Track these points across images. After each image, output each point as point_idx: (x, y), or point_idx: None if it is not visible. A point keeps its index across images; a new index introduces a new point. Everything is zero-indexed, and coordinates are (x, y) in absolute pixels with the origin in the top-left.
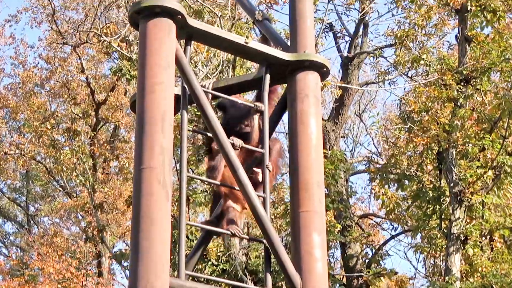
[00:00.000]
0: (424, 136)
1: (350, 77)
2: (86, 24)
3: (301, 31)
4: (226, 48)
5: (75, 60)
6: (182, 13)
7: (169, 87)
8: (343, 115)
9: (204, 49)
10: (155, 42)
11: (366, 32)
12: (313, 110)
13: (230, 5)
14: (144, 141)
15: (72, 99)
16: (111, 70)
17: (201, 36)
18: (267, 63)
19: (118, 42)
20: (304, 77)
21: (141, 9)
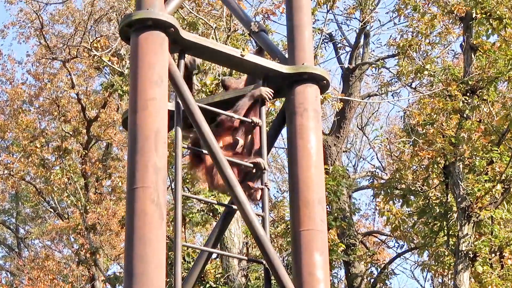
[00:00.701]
0: (429, 149)
1: (351, 89)
2: (76, 38)
3: (299, 43)
4: (221, 61)
5: (65, 76)
6: (175, 25)
7: (162, 103)
8: (344, 128)
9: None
10: (147, 56)
11: (368, 42)
12: (313, 124)
13: (225, 16)
14: (137, 159)
15: (62, 116)
16: (102, 85)
17: (195, 49)
18: (264, 76)
19: (109, 56)
20: (303, 90)
21: (132, 22)
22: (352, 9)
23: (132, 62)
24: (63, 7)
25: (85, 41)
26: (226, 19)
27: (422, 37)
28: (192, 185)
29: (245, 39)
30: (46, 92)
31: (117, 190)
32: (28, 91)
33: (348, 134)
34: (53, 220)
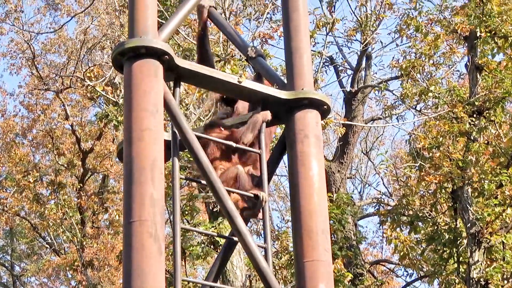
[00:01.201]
0: (436, 174)
1: (354, 113)
2: (69, 67)
3: (298, 67)
4: (218, 88)
5: (58, 107)
6: (169, 53)
7: (158, 133)
8: (348, 154)
9: (195, 90)
10: (141, 85)
11: (370, 64)
12: (315, 151)
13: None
14: (133, 192)
15: (56, 149)
16: (96, 116)
17: (190, 76)
18: (263, 103)
19: (103, 86)
20: (303, 116)
21: (125, 50)
22: (352, 31)
23: (126, 92)
24: (55, 36)
25: (78, 71)
26: (223, 44)
27: (425, 58)
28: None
29: (242, 64)
30: (40, 124)
31: (114, 223)
32: (21, 123)
33: (352, 160)
34: (50, 257)
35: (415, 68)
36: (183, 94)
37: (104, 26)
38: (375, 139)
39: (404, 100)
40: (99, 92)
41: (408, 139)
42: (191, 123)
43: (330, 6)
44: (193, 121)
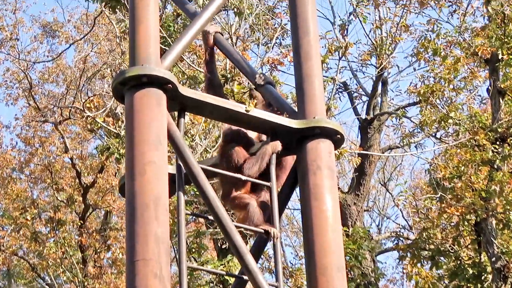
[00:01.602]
0: (458, 205)
1: (370, 142)
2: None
3: (309, 94)
4: (225, 118)
5: (57, 139)
6: (173, 81)
7: (161, 167)
8: (365, 185)
9: (201, 120)
10: (143, 116)
11: (386, 90)
12: (328, 183)
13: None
14: (136, 229)
15: (55, 184)
16: (97, 149)
17: (195, 106)
18: (272, 133)
19: (104, 117)
20: (315, 146)
21: (126, 79)
22: (367, 55)
23: (127, 123)
24: (53, 65)
25: (78, 101)
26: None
27: (445, 82)
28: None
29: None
30: (37, 158)
31: (118, 262)
32: (18, 157)
33: (369, 192)
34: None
35: (434, 93)
36: (188, 124)
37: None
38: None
39: (423, 127)
40: (100, 124)
41: (428, 169)
42: (197, 155)
43: (343, 29)
44: (199, 153)
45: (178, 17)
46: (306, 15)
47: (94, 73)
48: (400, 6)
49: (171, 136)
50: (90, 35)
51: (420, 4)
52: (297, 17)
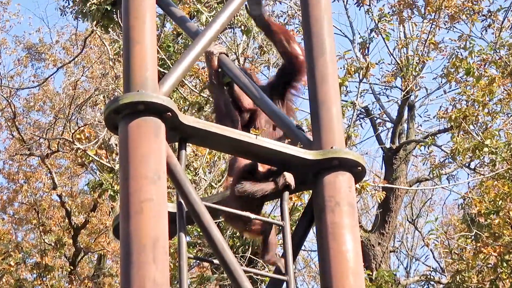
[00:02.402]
0: (495, 244)
1: (396, 174)
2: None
3: (326, 121)
4: (232, 149)
5: (44, 175)
6: (173, 109)
7: (160, 205)
8: (391, 223)
9: (205, 151)
10: (139, 148)
11: (413, 115)
12: (348, 222)
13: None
14: (132, 275)
15: (42, 225)
16: (89, 185)
17: (198, 136)
18: (285, 165)
19: (96, 149)
20: (333, 180)
21: (120, 107)
22: (391, 76)
23: (121, 156)
24: (39, 91)
25: (67, 132)
26: None
27: (479, 106)
28: None
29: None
30: (22, 196)
31: None
32: (0, 195)
33: (395, 230)
34: None
35: (467, 118)
36: (190, 156)
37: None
38: (422, 204)
39: (455, 157)
40: (92, 157)
41: (462, 204)
42: (200, 191)
43: (363, 48)
44: (203, 189)
45: (179, 36)
46: (321, 33)
47: (85, 100)
48: (428, 21)
49: (171, 170)
50: (80, 58)
51: (450, 18)
52: (311, 35)
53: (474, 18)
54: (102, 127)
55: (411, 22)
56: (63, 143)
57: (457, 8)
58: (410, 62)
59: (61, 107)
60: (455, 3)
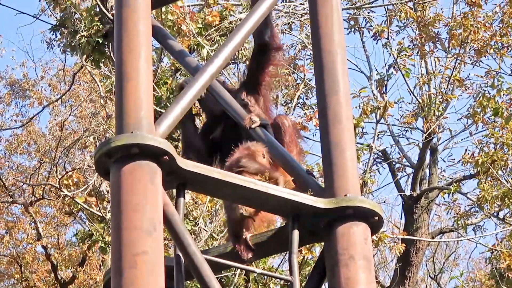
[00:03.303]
0: None
1: (417, 224)
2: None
3: (340, 166)
4: (235, 197)
5: (28, 224)
6: (170, 152)
7: (156, 258)
8: (411, 278)
9: (205, 199)
10: (133, 196)
11: (435, 159)
12: (364, 277)
13: None
14: None
15: (25, 280)
16: (77, 236)
17: (198, 182)
18: (294, 215)
19: (85, 196)
20: (347, 231)
21: (111, 150)
22: (411, 116)
23: (113, 205)
24: (22, 132)
25: (53, 177)
26: None
27: (508, 149)
28: None
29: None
30: (4, 247)
31: None
32: None
33: (416, 286)
34: None
35: (495, 163)
36: (189, 204)
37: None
38: (445, 258)
39: (482, 205)
40: (80, 205)
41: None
42: (200, 242)
43: (381, 85)
44: (204, 240)
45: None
46: (334, 68)
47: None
48: (452, 56)
49: (168, 220)
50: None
51: (476, 53)
52: (323, 71)
53: (503, 53)
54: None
55: (434, 57)
56: (49, 189)
57: (484, 41)
58: (432, 101)
59: (46, 149)
60: (482, 37)
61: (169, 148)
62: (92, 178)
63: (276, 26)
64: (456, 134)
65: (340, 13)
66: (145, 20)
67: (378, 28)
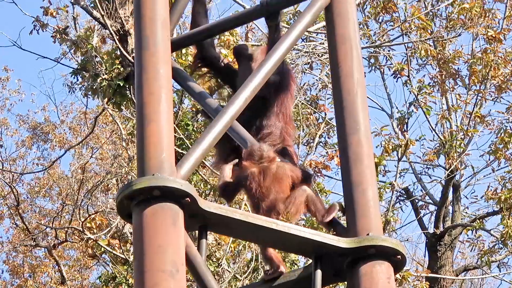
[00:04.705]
0: None
1: (440, 262)
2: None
3: (361, 205)
4: (257, 238)
5: (51, 268)
6: (192, 194)
7: None
8: None
9: (228, 240)
10: (156, 238)
11: (458, 196)
12: None
13: None
14: None
15: None
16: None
17: (220, 224)
18: (316, 254)
19: (108, 239)
20: (370, 270)
21: (133, 192)
22: (433, 154)
23: (136, 247)
24: (44, 175)
25: (76, 220)
26: None
27: None
28: None
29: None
30: None
31: None
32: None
33: None
34: None
35: None
36: (212, 246)
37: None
38: None
39: (506, 242)
40: (103, 248)
41: None
42: (224, 284)
43: (402, 123)
44: (227, 282)
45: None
46: (355, 107)
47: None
48: (473, 92)
49: (191, 262)
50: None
51: (497, 89)
52: (343, 109)
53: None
54: (115, 214)
55: (454, 94)
56: (72, 232)
57: (505, 77)
58: (454, 138)
59: (69, 192)
60: (502, 73)
61: (190, 190)
62: (115, 220)
63: (297, 66)
64: (479, 170)
65: (360, 52)
66: (165, 62)
67: (398, 66)
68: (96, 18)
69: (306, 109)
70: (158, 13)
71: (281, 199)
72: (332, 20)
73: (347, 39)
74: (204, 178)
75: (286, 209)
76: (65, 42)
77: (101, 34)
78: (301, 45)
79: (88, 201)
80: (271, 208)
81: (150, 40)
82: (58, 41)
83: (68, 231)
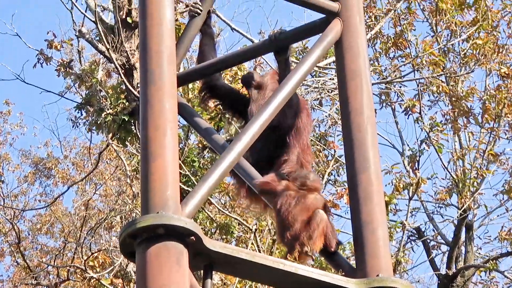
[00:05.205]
0: None
1: None
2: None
3: (371, 246)
4: (264, 278)
5: None
6: (197, 233)
7: None
8: None
9: (234, 280)
10: (159, 278)
11: (471, 236)
12: None
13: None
14: None
15: None
16: None
17: (226, 263)
18: None
19: (111, 278)
20: None
21: (137, 231)
22: (445, 193)
23: (139, 287)
24: (46, 212)
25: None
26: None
27: None
28: None
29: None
30: None
31: None
32: None
33: None
34: None
35: None
36: (218, 286)
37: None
38: None
39: None
40: (106, 287)
41: None
42: None
43: (413, 161)
44: None
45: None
46: (364, 144)
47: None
48: (486, 130)
49: None
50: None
51: (511, 127)
52: (353, 146)
53: None
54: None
55: (467, 132)
56: (74, 271)
57: None
58: (467, 177)
59: (71, 230)
60: None
61: (195, 229)
62: (119, 258)
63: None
64: (492, 210)
65: (370, 88)
66: (171, 97)
67: (409, 103)
68: (101, 51)
69: (315, 146)
70: (164, 46)
71: (305, 229)
72: (342, 54)
73: (357, 75)
74: (210, 216)
75: (310, 238)
76: (70, 76)
77: (106, 68)
78: (311, 81)
79: (91, 239)
80: (295, 239)
81: (156, 74)
82: (63, 75)
83: (70, 269)
